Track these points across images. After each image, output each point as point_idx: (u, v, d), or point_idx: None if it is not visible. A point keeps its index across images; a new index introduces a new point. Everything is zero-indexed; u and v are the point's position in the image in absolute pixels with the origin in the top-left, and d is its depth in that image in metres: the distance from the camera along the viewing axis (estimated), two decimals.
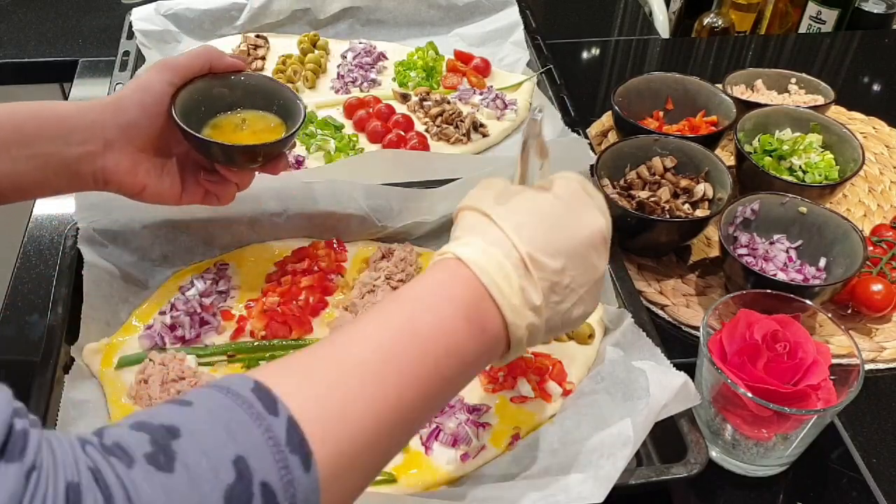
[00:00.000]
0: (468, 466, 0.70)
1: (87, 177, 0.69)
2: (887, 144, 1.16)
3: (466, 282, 0.52)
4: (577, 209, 0.57)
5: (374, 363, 0.47)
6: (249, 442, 0.40)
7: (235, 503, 0.38)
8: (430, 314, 0.51)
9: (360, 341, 0.48)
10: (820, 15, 1.47)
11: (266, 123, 0.77)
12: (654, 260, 0.95)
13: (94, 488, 0.37)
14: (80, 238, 0.82)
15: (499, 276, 0.52)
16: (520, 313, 0.53)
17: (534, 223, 0.55)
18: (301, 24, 1.28)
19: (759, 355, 0.70)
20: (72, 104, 0.69)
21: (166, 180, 0.73)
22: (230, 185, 0.76)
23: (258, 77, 0.79)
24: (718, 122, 1.06)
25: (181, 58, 0.73)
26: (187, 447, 0.39)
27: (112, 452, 0.38)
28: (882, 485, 0.73)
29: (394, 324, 0.50)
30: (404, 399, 0.47)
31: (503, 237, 0.54)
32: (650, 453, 0.72)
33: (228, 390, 0.42)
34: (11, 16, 1.36)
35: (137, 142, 0.70)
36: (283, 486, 0.40)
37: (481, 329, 0.52)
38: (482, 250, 0.53)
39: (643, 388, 0.69)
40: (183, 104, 0.72)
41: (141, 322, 0.81)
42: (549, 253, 0.54)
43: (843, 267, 0.86)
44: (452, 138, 1.07)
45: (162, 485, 0.37)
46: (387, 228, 0.90)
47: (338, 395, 0.45)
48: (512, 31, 1.25)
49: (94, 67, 1.25)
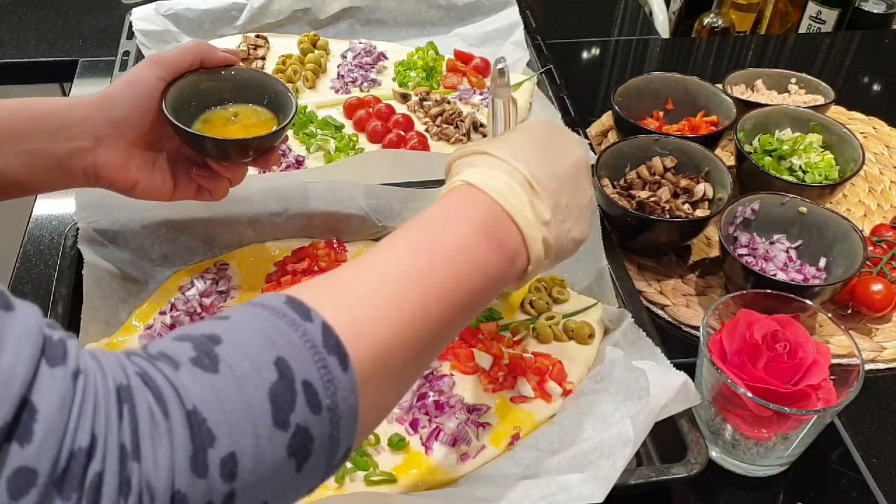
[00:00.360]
0: (468, 466, 0.70)
1: (77, 173, 0.69)
2: (887, 144, 1.16)
3: (480, 201, 0.55)
4: (559, 140, 0.62)
5: (399, 276, 0.49)
6: (288, 345, 0.42)
7: (280, 400, 0.40)
8: (450, 232, 0.53)
9: (384, 258, 0.51)
10: (820, 15, 1.47)
11: (257, 117, 0.77)
12: (654, 260, 0.95)
13: (145, 389, 0.38)
14: (80, 238, 0.82)
15: (509, 194, 0.55)
16: (534, 226, 0.56)
17: (527, 151, 0.59)
18: (301, 24, 1.28)
19: (759, 355, 0.70)
20: (61, 100, 0.69)
21: (158, 176, 0.73)
22: (222, 180, 0.76)
23: (249, 71, 0.79)
24: (718, 122, 1.06)
25: (171, 52, 0.73)
26: (230, 350, 0.41)
27: (158, 359, 0.40)
28: (882, 485, 0.73)
29: (415, 242, 0.52)
30: (431, 310, 0.49)
31: (503, 163, 0.57)
32: (650, 453, 0.72)
33: (262, 305, 0.44)
34: (11, 16, 1.36)
35: (128, 137, 0.70)
36: (324, 385, 0.42)
37: (500, 243, 0.54)
38: (488, 174, 0.56)
39: (643, 388, 0.69)
40: (173, 99, 0.71)
41: (141, 322, 0.81)
42: (549, 174, 0.58)
43: (843, 267, 0.86)
44: (452, 138, 1.07)
45: (210, 384, 0.39)
46: (387, 228, 0.90)
47: (366, 304, 0.46)
48: (512, 31, 1.25)
49: (94, 67, 1.25)
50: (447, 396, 0.75)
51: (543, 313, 0.83)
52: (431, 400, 0.74)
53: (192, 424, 0.38)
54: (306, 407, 0.41)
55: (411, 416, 0.73)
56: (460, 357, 0.78)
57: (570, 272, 0.88)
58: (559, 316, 0.83)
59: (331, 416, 0.42)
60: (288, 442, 0.40)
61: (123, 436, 0.36)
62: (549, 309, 0.84)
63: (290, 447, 0.40)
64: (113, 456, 0.36)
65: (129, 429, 0.37)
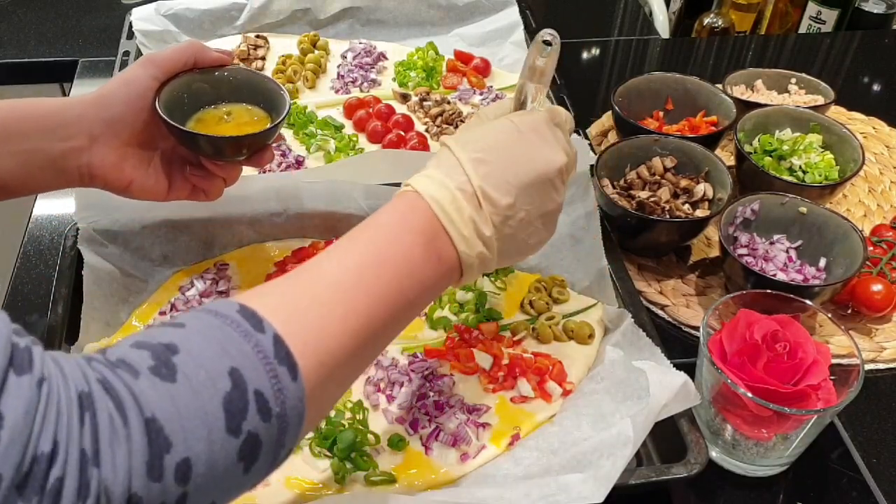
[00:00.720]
0: (468, 466, 0.70)
1: (72, 172, 0.69)
2: (887, 144, 1.16)
3: (423, 214, 0.56)
4: (536, 144, 0.60)
5: (347, 285, 0.51)
6: (241, 355, 0.44)
7: (233, 409, 0.42)
8: (396, 245, 0.54)
9: (333, 265, 0.52)
10: (820, 15, 1.47)
11: (251, 116, 0.77)
12: (654, 260, 0.95)
13: (105, 396, 0.39)
14: (80, 238, 0.82)
15: (451, 208, 0.56)
16: (470, 243, 0.57)
17: (491, 157, 0.58)
18: (301, 24, 1.28)
19: (759, 355, 0.70)
20: (55, 100, 0.69)
21: (152, 175, 0.73)
22: (217, 180, 0.76)
23: (243, 70, 0.79)
24: (718, 122, 1.06)
25: (166, 52, 0.73)
26: (186, 360, 0.42)
27: (117, 366, 0.41)
28: (882, 485, 0.73)
29: (362, 250, 0.54)
30: (374, 317, 0.51)
31: (460, 170, 0.57)
32: (650, 453, 0.72)
33: (217, 313, 0.45)
34: (11, 16, 1.36)
35: (123, 136, 0.70)
36: (275, 394, 0.44)
37: (438, 257, 0.56)
38: (439, 182, 0.57)
39: (643, 388, 0.69)
40: (167, 98, 0.71)
41: (141, 322, 0.81)
42: (503, 189, 0.57)
43: (843, 267, 0.86)
44: None
45: (168, 392, 0.41)
46: None
47: (316, 314, 0.48)
48: (512, 31, 1.25)
49: (94, 67, 1.25)
50: (447, 396, 0.75)
51: (543, 313, 0.83)
52: (431, 400, 0.74)
53: (149, 431, 0.39)
54: (257, 415, 0.43)
55: (411, 416, 0.73)
56: (460, 357, 0.78)
57: (570, 272, 0.88)
58: (559, 316, 0.83)
59: (279, 423, 0.44)
60: (239, 447, 0.43)
61: (84, 442, 0.38)
62: (549, 309, 0.84)
63: (240, 452, 0.43)
64: (73, 461, 0.37)
65: (90, 435, 0.38)
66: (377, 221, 0.56)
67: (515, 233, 0.59)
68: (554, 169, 0.60)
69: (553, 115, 0.62)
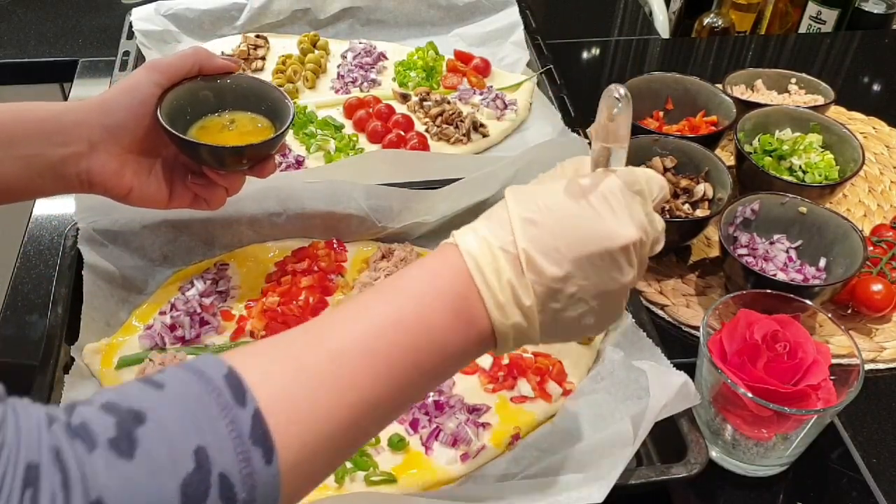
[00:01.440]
0: (468, 466, 0.70)
1: (71, 178, 0.68)
2: (887, 144, 1.16)
3: (457, 273, 0.50)
4: (600, 212, 0.52)
5: (354, 355, 0.46)
6: (212, 432, 0.40)
7: (192, 492, 0.38)
8: (417, 305, 0.49)
9: (342, 330, 0.48)
10: (820, 15, 1.47)
11: (254, 125, 0.77)
12: (654, 260, 0.95)
13: (54, 471, 0.37)
14: (80, 238, 0.82)
15: (489, 269, 0.50)
16: (506, 312, 0.50)
17: (547, 221, 0.51)
18: (301, 24, 1.28)
19: (759, 355, 0.70)
20: (57, 104, 0.68)
21: (153, 183, 0.72)
22: (219, 189, 0.75)
23: (247, 78, 0.79)
24: (718, 122, 1.06)
25: (170, 59, 0.72)
26: (151, 434, 0.39)
27: (77, 434, 0.38)
28: (882, 485, 0.73)
29: (378, 313, 0.49)
30: (379, 394, 0.47)
31: (508, 228, 0.51)
32: (650, 453, 0.72)
33: (202, 375, 0.42)
34: (11, 16, 1.36)
35: (124, 143, 0.69)
36: (242, 479, 0.40)
37: (468, 322, 0.50)
38: (482, 239, 0.51)
39: (643, 388, 0.69)
40: (169, 106, 0.71)
41: (141, 322, 0.81)
42: (553, 258, 0.50)
43: (843, 267, 0.86)
44: (452, 138, 1.07)
45: (120, 473, 0.37)
46: (387, 229, 0.90)
47: (309, 386, 0.44)
48: (512, 31, 1.25)
49: (94, 67, 1.25)
50: (447, 396, 0.75)
51: None
52: (431, 400, 0.74)
53: None
54: (219, 501, 0.39)
55: (411, 416, 0.73)
56: None
57: None
58: None
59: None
60: None
61: None
62: None
63: None
64: None
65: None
66: (403, 277, 0.51)
67: (564, 309, 0.52)
68: (617, 244, 0.51)
69: (631, 181, 0.53)
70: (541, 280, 0.50)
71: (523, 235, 0.50)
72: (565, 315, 0.52)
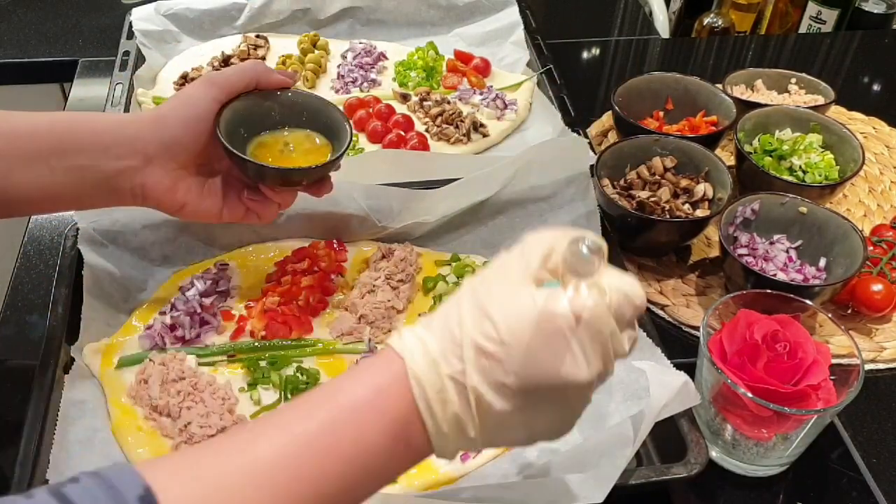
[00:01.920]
0: (468, 466, 0.70)
1: (125, 192, 0.68)
2: (887, 144, 1.16)
3: (401, 395, 0.46)
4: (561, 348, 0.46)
5: (279, 481, 0.43)
6: None
7: None
8: (355, 425, 0.46)
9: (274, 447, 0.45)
10: (820, 15, 1.47)
11: (311, 143, 0.76)
12: (654, 260, 0.95)
13: None
14: (80, 238, 0.82)
15: (435, 399, 0.46)
16: (448, 439, 0.47)
17: (498, 351, 0.46)
18: (301, 24, 1.28)
19: (759, 355, 0.70)
20: (113, 116, 0.68)
21: (207, 198, 0.72)
22: (272, 205, 0.74)
23: (305, 95, 0.78)
24: (718, 122, 1.06)
25: (227, 73, 0.71)
26: None
27: None
28: (882, 485, 0.73)
29: (313, 429, 0.45)
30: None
31: (459, 355, 0.46)
32: (650, 453, 0.72)
33: (115, 493, 0.40)
34: (11, 16, 1.36)
35: (179, 158, 0.68)
36: None
37: (406, 444, 0.47)
38: (431, 362, 0.46)
39: (644, 389, 0.69)
40: (227, 122, 0.70)
41: (141, 322, 0.81)
42: (505, 392, 0.46)
43: (843, 267, 0.86)
44: (452, 138, 1.07)
45: None
46: (387, 228, 0.90)
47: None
48: (512, 31, 1.25)
49: (94, 67, 1.25)
50: None
51: None
52: None
53: None
54: None
55: None
56: None
57: None
58: None
59: None
60: None
61: None
62: None
63: None
64: None
65: None
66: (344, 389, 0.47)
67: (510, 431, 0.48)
68: (571, 382, 0.46)
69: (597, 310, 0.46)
70: (489, 415, 0.47)
71: (475, 369, 0.46)
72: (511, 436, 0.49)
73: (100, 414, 0.73)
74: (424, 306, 0.85)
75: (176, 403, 0.73)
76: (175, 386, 0.74)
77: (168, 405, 0.73)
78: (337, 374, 0.77)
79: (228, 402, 0.74)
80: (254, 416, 0.74)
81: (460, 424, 0.47)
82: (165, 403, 0.73)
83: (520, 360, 0.46)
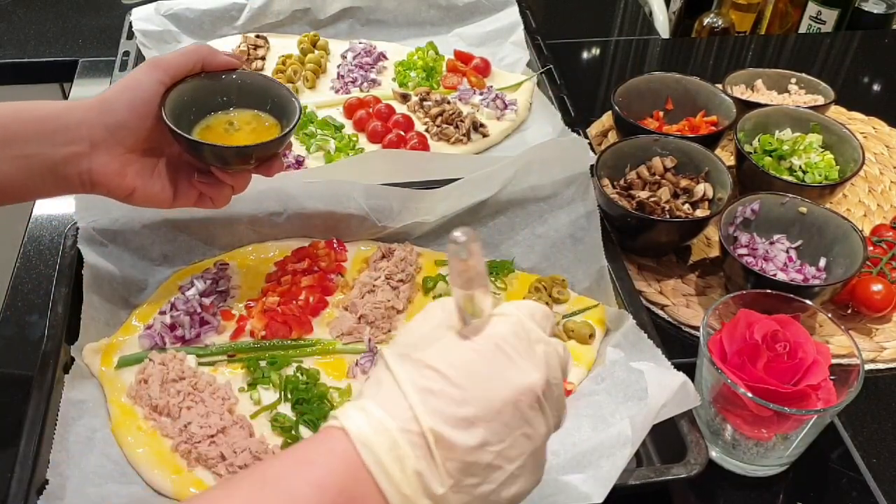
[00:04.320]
0: None
1: (73, 179, 0.67)
2: (887, 144, 1.16)
3: (347, 465, 0.42)
4: (501, 362, 0.46)
5: None
6: None
7: None
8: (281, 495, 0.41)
9: None
10: (820, 15, 1.47)
11: (260, 123, 0.76)
12: (654, 260, 0.95)
13: None
14: (80, 238, 0.82)
15: (388, 458, 0.42)
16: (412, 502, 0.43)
17: (444, 386, 0.44)
18: (301, 24, 1.28)
19: (759, 355, 0.70)
20: (57, 103, 0.67)
21: (157, 182, 0.71)
22: (225, 188, 0.74)
23: (252, 75, 0.78)
24: (718, 122, 1.06)
25: (172, 56, 0.71)
26: None
27: None
28: (882, 485, 0.73)
29: None
30: None
31: (404, 404, 0.44)
32: (650, 453, 0.72)
33: None
34: (11, 16, 1.36)
35: (126, 143, 0.68)
36: None
37: None
38: (377, 422, 0.43)
39: (643, 389, 0.69)
40: (173, 104, 0.70)
41: (141, 322, 0.81)
42: (463, 425, 0.43)
43: (843, 267, 0.86)
44: (452, 138, 1.07)
45: None
46: (387, 228, 0.90)
47: None
48: (512, 31, 1.25)
49: (94, 67, 1.25)
50: None
51: None
52: None
53: None
54: None
55: None
56: None
57: (570, 272, 0.88)
58: (559, 316, 0.83)
59: None
60: None
61: None
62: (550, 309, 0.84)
63: None
64: None
65: None
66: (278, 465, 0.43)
67: (482, 483, 0.45)
68: (525, 391, 0.45)
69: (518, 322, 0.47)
70: (453, 455, 0.43)
71: (425, 410, 0.43)
72: (483, 489, 0.45)
73: (100, 414, 0.73)
74: (424, 306, 0.85)
75: (176, 403, 0.73)
76: (175, 386, 0.74)
77: (168, 405, 0.73)
78: (337, 374, 0.78)
79: (228, 402, 0.74)
80: (254, 416, 0.74)
81: (423, 481, 0.43)
82: (165, 403, 0.73)
83: (469, 387, 0.44)
